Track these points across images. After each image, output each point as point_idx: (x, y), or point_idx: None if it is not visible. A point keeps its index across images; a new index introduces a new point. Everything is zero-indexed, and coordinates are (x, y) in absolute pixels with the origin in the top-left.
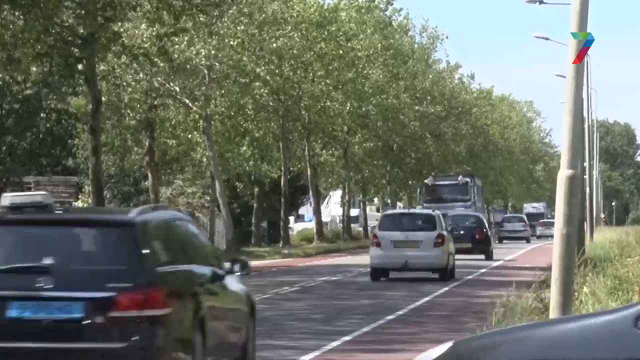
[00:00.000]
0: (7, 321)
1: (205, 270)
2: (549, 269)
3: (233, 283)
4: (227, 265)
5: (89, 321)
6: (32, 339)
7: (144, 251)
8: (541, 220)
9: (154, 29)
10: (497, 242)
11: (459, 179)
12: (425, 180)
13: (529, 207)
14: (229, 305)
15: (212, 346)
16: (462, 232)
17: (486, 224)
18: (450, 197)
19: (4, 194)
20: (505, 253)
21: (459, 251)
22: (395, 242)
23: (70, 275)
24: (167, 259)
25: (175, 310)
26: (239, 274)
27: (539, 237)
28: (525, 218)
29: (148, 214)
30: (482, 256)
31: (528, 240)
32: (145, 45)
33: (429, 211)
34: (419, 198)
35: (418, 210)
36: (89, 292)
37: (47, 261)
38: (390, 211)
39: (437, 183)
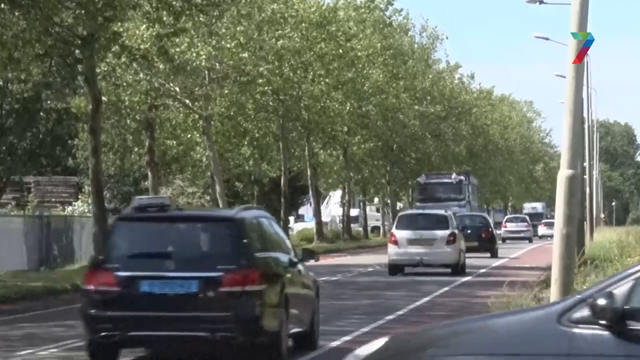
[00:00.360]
0: (140, 295)
1: (285, 257)
2: (549, 269)
3: (303, 268)
4: (299, 253)
5: (202, 295)
6: (159, 308)
7: (243, 241)
8: (543, 221)
9: (154, 29)
10: (500, 241)
11: (453, 177)
12: (418, 179)
13: (528, 207)
14: (303, 286)
15: (292, 316)
16: (469, 231)
17: (491, 224)
18: (443, 196)
19: (135, 197)
20: (507, 253)
21: (466, 249)
22: (411, 240)
23: (187, 260)
24: (260, 247)
25: (267, 287)
26: (309, 261)
27: (540, 237)
28: (527, 218)
29: (244, 212)
30: (487, 255)
31: (530, 240)
32: (146, 46)
33: (442, 211)
34: (411, 197)
35: (432, 210)
36: (202, 272)
37: (170, 249)
38: (406, 211)
39: (430, 181)
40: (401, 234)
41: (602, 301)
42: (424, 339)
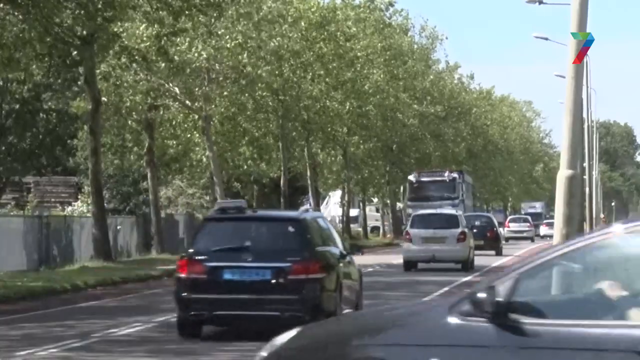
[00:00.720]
0: (224, 281)
1: (337, 250)
2: None
3: (351, 260)
4: (347, 247)
5: (275, 281)
6: (239, 292)
7: (306, 237)
8: (545, 221)
9: (154, 29)
10: (503, 241)
11: (446, 175)
12: (409, 177)
13: (527, 207)
14: (351, 274)
15: (344, 299)
16: (475, 230)
17: (496, 223)
18: (436, 195)
19: (217, 201)
20: (510, 251)
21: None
22: (425, 238)
23: (261, 253)
24: (319, 242)
25: (326, 275)
26: (355, 254)
27: (542, 237)
28: (529, 219)
29: (306, 214)
30: (492, 252)
31: (532, 240)
32: (145, 45)
33: (453, 211)
34: (403, 196)
35: (444, 210)
36: (274, 263)
37: (247, 243)
38: (419, 212)
39: (422, 180)
40: (415, 233)
41: (482, 295)
42: (331, 329)
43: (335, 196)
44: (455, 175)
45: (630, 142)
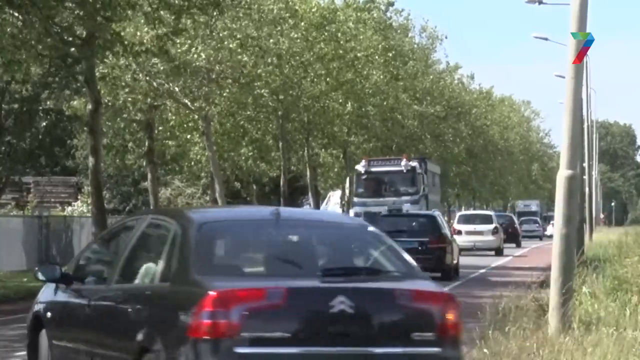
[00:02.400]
0: None
1: (449, 231)
2: (548, 269)
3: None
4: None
5: (420, 248)
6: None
7: (437, 225)
8: (551, 222)
9: (154, 29)
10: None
11: (403, 163)
12: (357, 166)
13: (521, 205)
14: (455, 242)
15: (454, 257)
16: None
17: (516, 221)
18: (390, 189)
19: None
20: (525, 245)
21: None
22: (468, 232)
23: (413, 232)
24: (443, 228)
25: (447, 245)
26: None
27: (550, 236)
28: (539, 220)
29: (436, 212)
30: (513, 245)
31: (541, 238)
32: (146, 46)
33: (489, 212)
34: (348, 190)
35: (480, 211)
36: (421, 238)
37: (405, 228)
38: (463, 212)
39: (372, 170)
40: (460, 227)
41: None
42: None
43: (335, 196)
44: (414, 163)
45: (630, 142)
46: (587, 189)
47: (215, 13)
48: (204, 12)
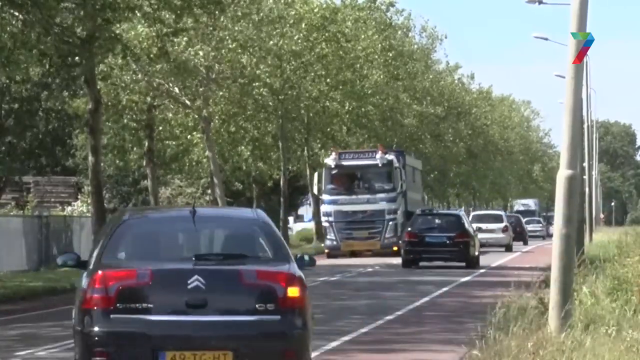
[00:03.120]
0: (427, 242)
1: (472, 228)
2: (548, 269)
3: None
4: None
5: (448, 242)
6: (434, 246)
7: (462, 222)
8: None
9: (154, 29)
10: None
11: (378, 157)
12: (326, 160)
13: (519, 205)
14: (476, 239)
15: (478, 249)
16: None
17: (523, 222)
18: (364, 185)
19: (419, 208)
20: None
21: None
22: (480, 229)
23: (445, 228)
24: (468, 224)
25: (471, 240)
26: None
27: (552, 236)
28: (542, 220)
29: (460, 212)
30: (520, 242)
31: (544, 238)
32: (145, 46)
33: (500, 212)
34: (316, 187)
35: (492, 211)
36: (448, 234)
37: (436, 226)
38: (477, 212)
39: (343, 164)
40: (474, 225)
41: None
42: None
43: None
44: (391, 156)
45: (630, 142)
46: (587, 189)
47: (216, 13)
48: (205, 11)
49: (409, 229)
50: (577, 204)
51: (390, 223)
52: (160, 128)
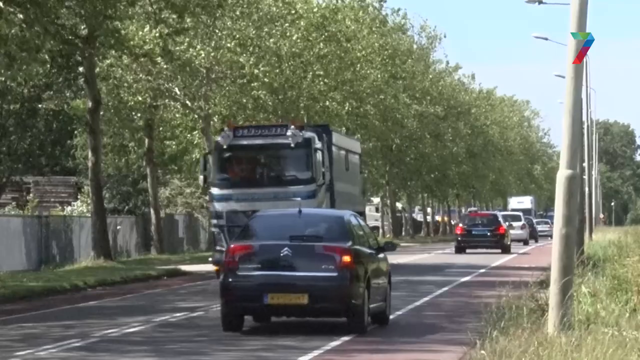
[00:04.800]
0: (473, 235)
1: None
2: (548, 268)
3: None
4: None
5: (489, 234)
6: (478, 237)
7: (500, 221)
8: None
9: (156, 29)
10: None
11: (290, 133)
12: (218, 139)
13: (515, 202)
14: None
15: (509, 240)
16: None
17: (533, 221)
18: (269, 175)
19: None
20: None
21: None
22: None
23: (485, 225)
24: (503, 221)
25: (504, 233)
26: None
27: None
28: (549, 221)
29: (496, 212)
30: (532, 240)
31: (552, 237)
32: (148, 47)
33: (519, 213)
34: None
35: (512, 212)
36: (489, 228)
37: (479, 223)
38: (502, 212)
39: (241, 143)
40: None
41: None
42: None
43: None
44: (309, 134)
45: (629, 142)
46: (586, 189)
47: (217, 13)
48: (206, 11)
49: (460, 224)
50: (577, 204)
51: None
52: (161, 128)
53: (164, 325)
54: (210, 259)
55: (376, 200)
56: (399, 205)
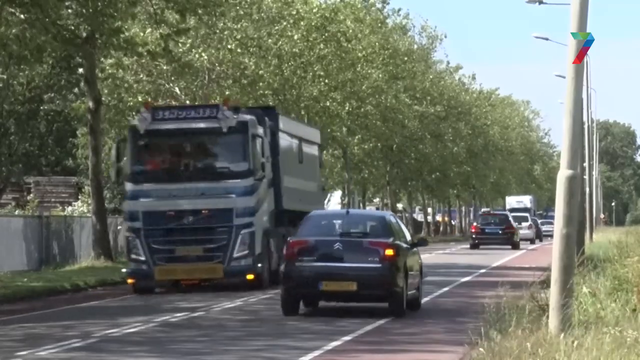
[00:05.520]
0: (486, 233)
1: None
2: (549, 269)
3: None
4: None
5: (500, 232)
6: (492, 237)
7: (510, 220)
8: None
9: (158, 29)
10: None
11: (222, 115)
12: (134, 121)
13: (513, 202)
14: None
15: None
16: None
17: (537, 222)
18: (194, 166)
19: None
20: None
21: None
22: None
23: (497, 224)
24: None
25: (514, 231)
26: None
27: None
28: (553, 221)
29: (506, 212)
30: (537, 239)
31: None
32: (149, 48)
33: (526, 214)
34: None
35: (519, 213)
36: (500, 227)
37: (493, 221)
38: (509, 214)
39: (162, 127)
40: None
41: None
42: None
43: (335, 196)
44: (245, 116)
45: (630, 143)
46: (587, 189)
47: (217, 13)
48: (206, 11)
49: (475, 223)
50: (577, 204)
51: (243, 232)
52: None
53: (165, 326)
54: (123, 270)
55: (377, 200)
56: (399, 205)
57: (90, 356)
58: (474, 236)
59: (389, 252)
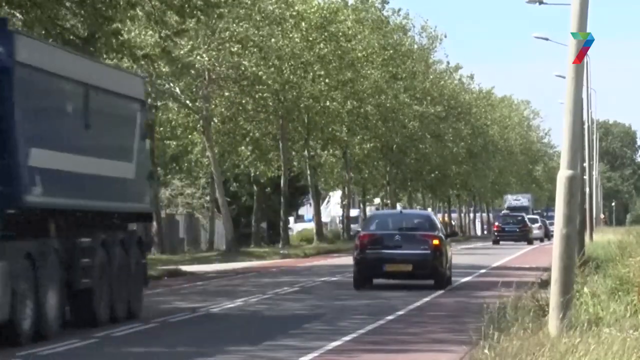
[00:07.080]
0: (505, 231)
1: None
2: (549, 269)
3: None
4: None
5: (517, 230)
6: (510, 233)
7: (525, 220)
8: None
9: (157, 30)
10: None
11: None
12: None
13: (512, 200)
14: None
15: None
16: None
17: (546, 222)
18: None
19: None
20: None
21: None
22: None
23: (514, 224)
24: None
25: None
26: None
27: None
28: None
29: (522, 213)
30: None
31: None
32: (148, 51)
33: (536, 216)
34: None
35: (532, 216)
36: (517, 225)
37: (511, 221)
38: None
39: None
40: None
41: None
42: None
43: (335, 196)
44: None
45: (630, 143)
46: (587, 189)
47: (216, 14)
48: (205, 12)
49: (496, 223)
50: (577, 204)
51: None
52: (161, 128)
53: (165, 326)
54: None
55: (377, 200)
56: (399, 205)
57: (90, 356)
58: (495, 233)
59: (436, 242)
